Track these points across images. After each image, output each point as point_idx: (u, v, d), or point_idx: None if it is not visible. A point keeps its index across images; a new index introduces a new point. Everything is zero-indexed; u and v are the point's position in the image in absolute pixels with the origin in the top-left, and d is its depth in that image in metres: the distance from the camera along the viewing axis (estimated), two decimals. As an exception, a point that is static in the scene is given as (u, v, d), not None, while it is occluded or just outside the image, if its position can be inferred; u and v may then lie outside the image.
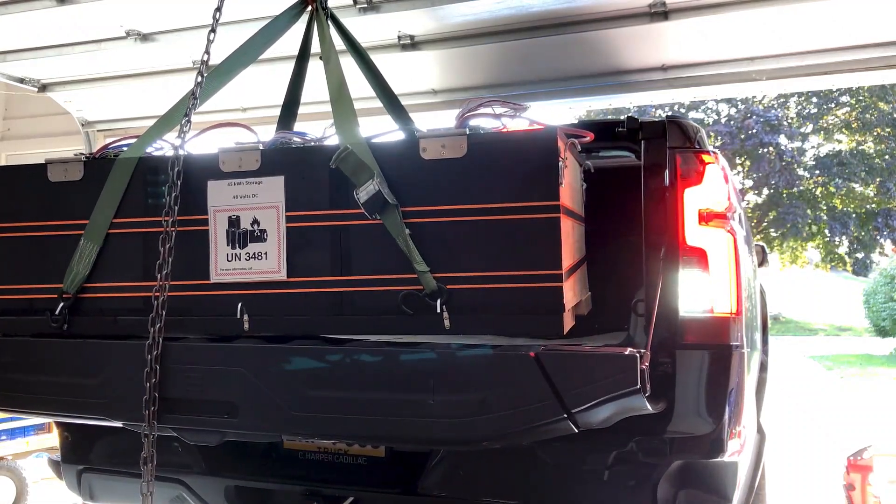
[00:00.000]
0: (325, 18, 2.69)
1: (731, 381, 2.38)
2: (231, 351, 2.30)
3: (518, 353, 2.04)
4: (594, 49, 3.76)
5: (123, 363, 2.35)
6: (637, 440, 2.43)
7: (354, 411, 2.17)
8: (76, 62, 4.20)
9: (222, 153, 2.32)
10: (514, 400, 2.03)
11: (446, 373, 2.10)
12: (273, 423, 2.27)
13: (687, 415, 2.36)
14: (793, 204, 24.10)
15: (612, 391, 1.96)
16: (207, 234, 2.31)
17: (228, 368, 2.27)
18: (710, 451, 2.38)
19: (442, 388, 2.08)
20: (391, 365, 2.15)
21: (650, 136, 2.58)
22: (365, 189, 2.13)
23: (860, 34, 3.62)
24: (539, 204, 2.06)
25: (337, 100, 2.41)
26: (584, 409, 1.98)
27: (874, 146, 24.06)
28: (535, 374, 1.99)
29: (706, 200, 2.44)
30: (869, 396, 11.27)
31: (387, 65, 3.05)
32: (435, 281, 2.11)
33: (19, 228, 2.55)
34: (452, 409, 2.07)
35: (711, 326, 2.38)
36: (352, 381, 2.18)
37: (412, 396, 2.10)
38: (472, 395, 2.05)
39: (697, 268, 2.40)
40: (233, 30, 3.06)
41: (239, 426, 2.29)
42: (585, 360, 2.02)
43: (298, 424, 2.24)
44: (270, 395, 2.22)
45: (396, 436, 2.26)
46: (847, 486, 4.17)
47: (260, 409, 2.24)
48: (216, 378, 2.28)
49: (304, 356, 2.24)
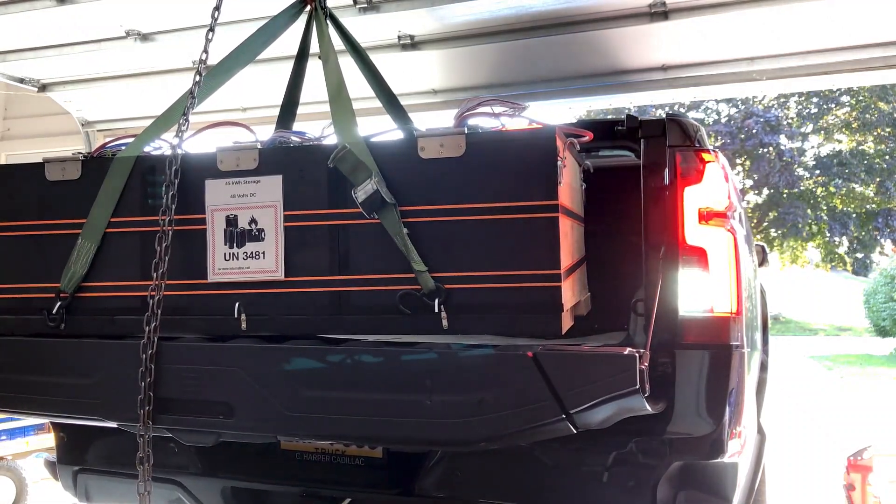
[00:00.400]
0: (325, 18, 2.69)
1: (731, 381, 2.37)
2: (227, 351, 2.28)
3: (516, 352, 2.02)
4: (594, 49, 3.75)
5: (118, 363, 2.33)
6: (636, 441, 2.42)
7: (350, 412, 2.14)
8: (76, 62, 4.20)
9: (220, 152, 2.32)
10: (512, 400, 2.01)
11: (443, 373, 2.08)
12: (268, 424, 2.25)
13: (687, 415, 2.35)
14: (793, 204, 24.10)
15: (611, 391, 1.95)
16: (205, 234, 2.30)
17: (224, 368, 2.25)
18: (710, 452, 2.37)
19: (439, 389, 2.06)
20: (388, 365, 2.13)
21: (650, 134, 2.56)
22: (363, 188, 2.12)
23: (860, 34, 3.62)
24: (538, 203, 2.06)
25: (335, 99, 2.41)
26: (583, 410, 1.96)
27: (874, 146, 24.06)
28: (533, 375, 1.98)
29: (706, 199, 2.43)
30: (869, 396, 11.26)
31: (387, 65, 3.05)
32: (433, 280, 2.11)
33: (17, 227, 2.55)
34: (449, 410, 2.05)
35: (711, 326, 2.37)
36: (348, 381, 2.16)
37: (409, 397, 2.08)
38: (470, 395, 2.04)
39: (697, 267, 2.39)
40: (232, 30, 3.05)
41: (234, 427, 2.27)
42: (584, 360, 2.00)
43: (294, 425, 2.22)
44: (266, 395, 2.20)
45: (393, 437, 2.24)
46: (847, 486, 4.16)
47: (255, 409, 2.22)
48: (211, 378, 2.26)
49: (299, 356, 2.21)
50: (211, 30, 2.43)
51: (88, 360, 2.42)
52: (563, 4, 3.40)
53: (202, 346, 2.33)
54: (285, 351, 2.24)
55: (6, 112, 7.04)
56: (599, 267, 2.70)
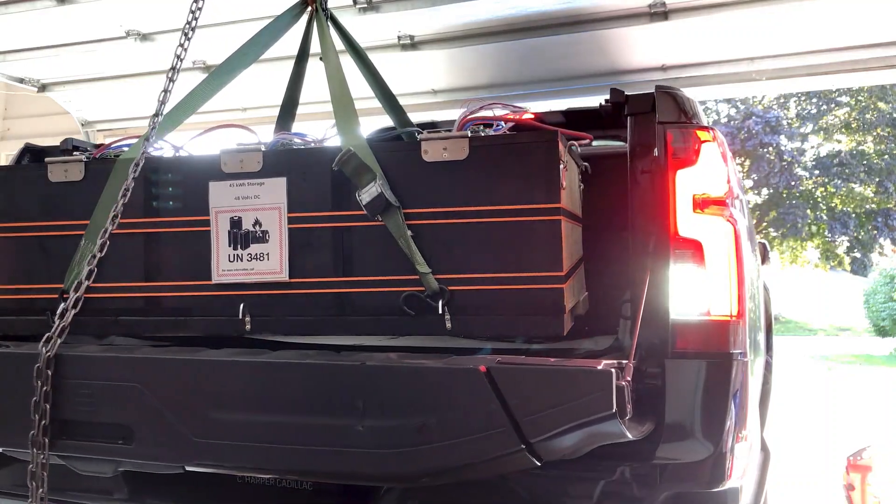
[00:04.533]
0: (325, 19, 2.69)
1: (731, 396, 2.07)
2: (125, 363, 2.02)
3: (465, 367, 1.74)
4: (594, 49, 3.76)
5: (4, 378, 2.09)
6: (621, 467, 2.09)
7: (267, 438, 1.85)
8: (76, 62, 4.20)
9: (224, 154, 2.32)
10: (461, 426, 1.71)
11: (380, 392, 1.79)
12: (172, 452, 1.95)
13: (679, 437, 2.06)
14: (792, 204, 24.13)
15: (581, 416, 1.66)
16: (209, 235, 2.31)
17: (123, 384, 1.98)
18: (707, 481, 2.06)
19: (373, 411, 1.77)
20: (312, 381, 1.86)
21: (637, 110, 2.28)
22: (367, 191, 2.12)
23: (860, 34, 3.63)
24: (540, 206, 2.06)
25: (338, 101, 2.40)
26: (546, 439, 1.69)
27: (873, 146, 24.08)
28: (485, 394, 1.69)
29: (702, 184, 2.14)
30: (869, 397, 11.27)
31: (387, 65, 3.05)
32: (437, 282, 2.10)
33: (20, 228, 2.55)
34: (385, 438, 1.76)
35: (708, 331, 2.09)
36: (264, 400, 1.88)
37: (337, 421, 1.80)
38: (410, 419, 1.74)
39: (691, 262, 2.11)
40: (233, 30, 3.06)
41: (134, 454, 1.98)
42: (548, 377, 1.71)
43: (201, 453, 1.92)
44: (170, 416, 1.91)
45: (317, 470, 1.94)
46: (847, 486, 4.16)
47: (158, 433, 1.94)
48: (109, 396, 1.99)
49: (207, 370, 1.95)
50: (184, 34, 2.35)
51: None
52: (563, 4, 3.41)
53: (100, 356, 2.10)
54: (190, 364, 1.98)
55: (6, 112, 7.04)
56: (589, 264, 2.54)
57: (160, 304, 2.38)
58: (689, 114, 2.26)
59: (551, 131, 2.11)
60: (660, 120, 2.22)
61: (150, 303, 2.38)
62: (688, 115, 2.25)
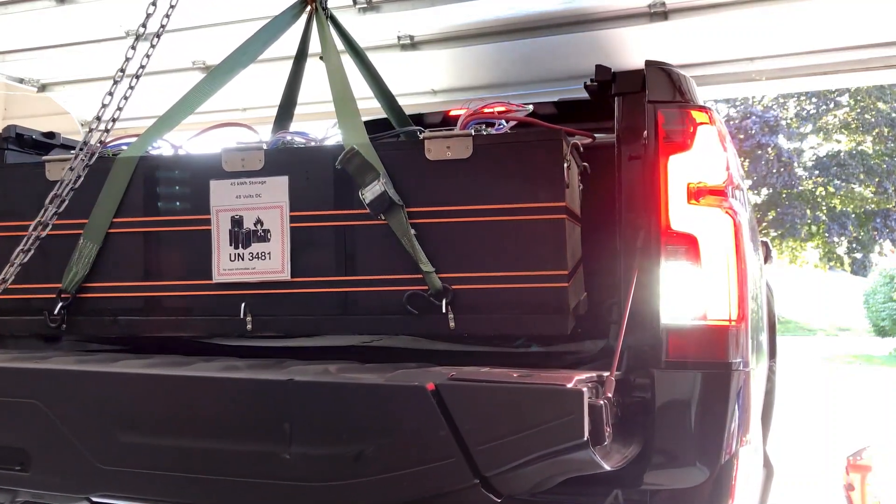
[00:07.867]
0: (325, 19, 2.69)
1: (730, 412, 1.84)
2: (24, 376, 1.79)
3: (409, 384, 1.50)
4: (594, 49, 3.75)
5: None
6: (605, 494, 1.84)
7: (181, 467, 1.62)
8: (76, 62, 4.20)
9: (225, 153, 2.32)
10: (404, 456, 1.48)
11: (309, 413, 1.56)
12: (74, 480, 1.73)
13: (671, 461, 1.84)
14: (792, 204, 24.16)
15: (547, 445, 1.41)
16: (210, 234, 2.30)
17: (20, 401, 1.74)
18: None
19: (302, 436, 1.54)
20: (232, 400, 1.62)
21: (626, 89, 2.09)
22: (370, 189, 2.12)
23: (860, 34, 3.63)
24: (544, 205, 2.06)
25: (340, 99, 2.40)
26: (505, 472, 1.45)
27: (873, 147, 24.10)
28: (433, 418, 1.44)
29: (697, 171, 1.93)
30: (868, 397, 11.27)
31: (387, 65, 3.05)
32: (440, 281, 2.10)
33: (18, 227, 2.55)
34: (315, 468, 1.53)
35: (704, 338, 1.88)
36: (179, 422, 1.65)
37: (260, 447, 1.57)
38: (345, 447, 1.51)
39: (685, 259, 1.89)
40: (232, 30, 3.06)
41: (32, 483, 1.76)
42: (507, 397, 1.45)
43: (108, 482, 1.69)
44: (71, 439, 1.68)
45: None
46: (847, 486, 4.16)
47: (58, 459, 1.71)
48: (4, 413, 1.77)
49: (115, 384, 1.71)
50: (158, 34, 2.30)
51: None
52: (563, 5, 3.41)
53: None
54: (94, 377, 1.75)
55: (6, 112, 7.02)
56: (584, 261, 2.39)
57: (160, 304, 2.38)
58: (684, 92, 2.05)
59: (555, 130, 2.11)
60: (650, 99, 2.02)
61: (151, 303, 2.38)
62: (682, 93, 2.04)
